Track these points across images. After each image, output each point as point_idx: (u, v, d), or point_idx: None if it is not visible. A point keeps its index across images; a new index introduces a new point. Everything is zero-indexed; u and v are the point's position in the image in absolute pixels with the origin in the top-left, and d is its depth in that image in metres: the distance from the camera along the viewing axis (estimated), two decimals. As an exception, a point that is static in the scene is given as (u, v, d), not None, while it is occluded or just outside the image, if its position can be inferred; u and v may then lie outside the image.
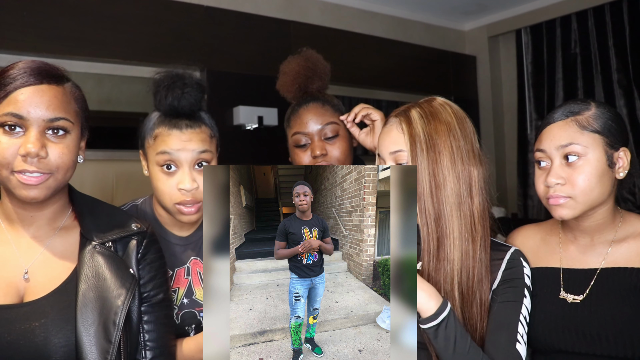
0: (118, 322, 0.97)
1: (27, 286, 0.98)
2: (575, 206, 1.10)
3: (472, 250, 1.05)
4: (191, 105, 1.19)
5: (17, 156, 0.92)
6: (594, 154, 1.08)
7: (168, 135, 1.18)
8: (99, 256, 1.01)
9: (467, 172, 1.06)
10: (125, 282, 1.01)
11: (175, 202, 1.20)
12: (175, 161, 1.18)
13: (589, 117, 1.10)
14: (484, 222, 1.07)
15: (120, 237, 1.06)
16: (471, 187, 1.06)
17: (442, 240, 1.04)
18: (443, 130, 1.05)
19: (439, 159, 1.04)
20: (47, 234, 1.03)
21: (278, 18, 3.39)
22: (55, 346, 0.93)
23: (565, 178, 1.09)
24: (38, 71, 0.96)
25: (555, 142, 1.11)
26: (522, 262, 1.11)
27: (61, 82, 0.99)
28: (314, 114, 1.48)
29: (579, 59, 3.97)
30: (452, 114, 1.09)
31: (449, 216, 1.04)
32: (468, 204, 1.05)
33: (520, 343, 1.02)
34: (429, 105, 1.09)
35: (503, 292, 1.07)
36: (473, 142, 1.08)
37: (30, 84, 0.94)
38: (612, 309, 1.07)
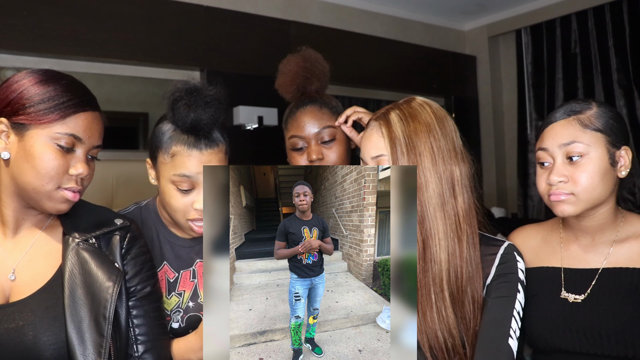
0: (108, 315, 0.99)
1: (12, 286, 0.99)
2: (577, 203, 1.10)
3: (458, 249, 1.04)
4: (213, 123, 1.16)
5: (65, 174, 0.98)
6: (596, 152, 1.08)
7: (188, 157, 1.14)
8: (84, 252, 1.03)
9: (449, 171, 1.05)
10: (112, 275, 1.02)
11: (188, 218, 1.19)
12: (194, 183, 1.16)
13: (591, 115, 1.10)
14: (470, 220, 1.07)
15: (104, 233, 1.07)
16: (454, 187, 1.05)
17: (427, 242, 1.04)
18: (423, 131, 1.05)
19: (420, 160, 1.03)
20: (32, 234, 1.04)
21: (278, 18, 3.39)
22: (45, 344, 0.94)
23: (568, 176, 1.09)
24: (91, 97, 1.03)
25: (557, 141, 1.11)
26: (516, 257, 1.10)
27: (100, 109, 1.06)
28: (311, 117, 1.46)
29: (579, 59, 3.97)
30: (432, 114, 1.07)
31: (432, 217, 1.03)
32: (452, 203, 1.05)
33: (512, 338, 1.02)
34: (408, 106, 1.09)
35: (497, 287, 1.06)
36: (455, 140, 1.08)
37: (89, 109, 1.01)
38: (613, 309, 1.07)
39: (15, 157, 0.97)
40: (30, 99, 0.96)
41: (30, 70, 1.01)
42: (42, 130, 0.96)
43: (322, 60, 1.54)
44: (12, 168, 0.98)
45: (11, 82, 0.98)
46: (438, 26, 4.44)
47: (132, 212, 1.30)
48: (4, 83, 1.00)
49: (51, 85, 0.98)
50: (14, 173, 0.98)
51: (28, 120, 0.95)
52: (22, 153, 0.96)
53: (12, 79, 0.99)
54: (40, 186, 0.96)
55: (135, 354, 1.05)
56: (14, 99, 0.96)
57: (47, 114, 0.95)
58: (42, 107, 0.96)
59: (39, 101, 0.96)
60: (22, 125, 0.96)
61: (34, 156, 0.95)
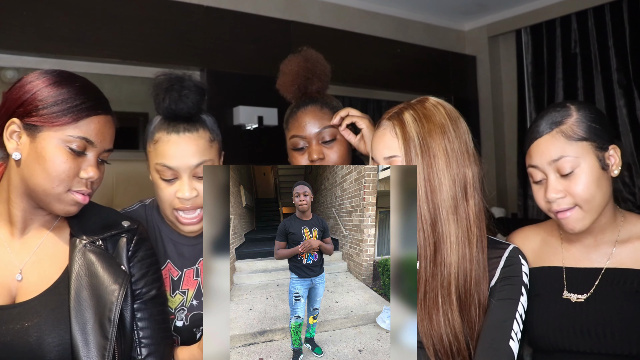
0: (113, 318, 0.98)
1: (19, 287, 0.99)
2: (584, 216, 1.09)
3: (468, 252, 1.04)
4: (189, 108, 1.18)
5: (76, 177, 0.98)
6: (586, 162, 1.07)
7: (167, 142, 1.18)
8: (90, 254, 1.02)
9: (462, 174, 1.04)
10: (118, 278, 1.02)
11: (174, 207, 1.20)
12: (175, 172, 1.18)
13: (573, 125, 1.08)
14: (480, 224, 1.06)
15: (111, 235, 1.07)
16: (466, 189, 1.04)
17: (438, 245, 1.03)
18: (437, 133, 1.03)
19: (433, 162, 1.02)
20: (40, 234, 1.04)
21: (278, 18, 3.39)
22: (49, 346, 0.93)
23: (564, 190, 1.08)
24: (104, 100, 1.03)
25: (545, 158, 1.09)
26: (521, 260, 1.10)
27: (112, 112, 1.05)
28: (312, 117, 1.46)
29: (579, 59, 3.97)
30: (446, 115, 1.06)
31: (445, 220, 1.02)
32: (464, 206, 1.04)
33: (513, 340, 1.01)
34: (422, 107, 1.07)
35: (500, 290, 1.06)
36: (467, 143, 1.07)
37: (102, 112, 1.01)
38: (617, 308, 1.07)
39: (27, 158, 0.96)
40: (44, 101, 0.95)
41: (43, 70, 1.00)
42: (55, 133, 0.95)
43: (323, 61, 1.53)
44: (22, 169, 0.97)
45: (24, 83, 0.98)
46: (438, 26, 4.44)
47: (137, 210, 1.30)
48: (17, 83, 0.99)
49: (65, 87, 0.97)
50: (24, 174, 0.97)
51: (41, 122, 0.95)
52: (33, 154, 0.95)
53: (25, 79, 0.98)
54: (50, 188, 0.96)
55: (139, 357, 1.04)
56: (27, 100, 0.96)
57: (60, 116, 0.95)
58: (55, 110, 0.95)
59: (52, 103, 0.95)
60: (34, 127, 0.95)
61: (45, 158, 0.95)
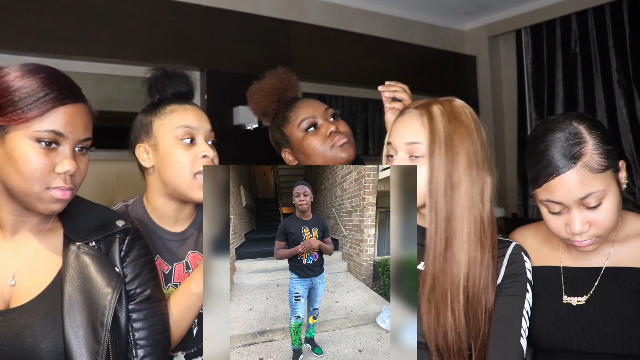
0: (106, 322, 0.96)
1: (12, 291, 0.96)
2: (600, 241, 1.09)
3: (480, 256, 1.04)
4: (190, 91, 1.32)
5: (52, 172, 0.93)
6: (611, 190, 1.04)
7: (185, 110, 1.26)
8: (84, 256, 1.00)
9: (481, 177, 1.06)
10: (111, 281, 0.99)
11: (196, 172, 1.22)
12: (194, 134, 1.24)
13: (593, 154, 1.02)
14: (493, 230, 1.07)
15: (105, 236, 1.04)
16: (483, 193, 1.06)
17: (450, 241, 1.03)
18: (463, 132, 1.05)
19: (456, 160, 1.03)
20: (32, 238, 1.01)
21: (278, 18, 3.38)
22: (43, 351, 0.91)
23: (591, 222, 1.05)
24: (72, 88, 0.97)
25: (572, 196, 1.03)
26: (524, 257, 1.11)
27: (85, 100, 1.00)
28: (312, 102, 1.54)
29: (579, 59, 3.97)
30: (471, 118, 1.08)
31: (460, 218, 1.03)
32: (479, 208, 1.05)
33: (522, 337, 1.03)
34: (450, 105, 1.08)
35: (506, 287, 1.07)
36: (487, 150, 1.09)
37: (69, 102, 0.94)
38: (617, 307, 1.07)
39: (1, 161, 0.93)
40: (6, 99, 0.90)
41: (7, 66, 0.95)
42: (22, 131, 0.91)
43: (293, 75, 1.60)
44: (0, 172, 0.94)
45: None
46: (438, 26, 4.44)
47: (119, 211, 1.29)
48: None
49: (27, 80, 0.92)
50: (2, 177, 0.94)
51: (6, 121, 0.90)
52: (5, 157, 0.92)
53: None
54: (27, 189, 0.92)
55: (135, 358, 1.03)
56: None
57: (24, 112, 0.90)
58: (20, 106, 0.90)
59: (14, 100, 0.90)
60: (1, 128, 0.91)
61: (16, 159, 0.91)
